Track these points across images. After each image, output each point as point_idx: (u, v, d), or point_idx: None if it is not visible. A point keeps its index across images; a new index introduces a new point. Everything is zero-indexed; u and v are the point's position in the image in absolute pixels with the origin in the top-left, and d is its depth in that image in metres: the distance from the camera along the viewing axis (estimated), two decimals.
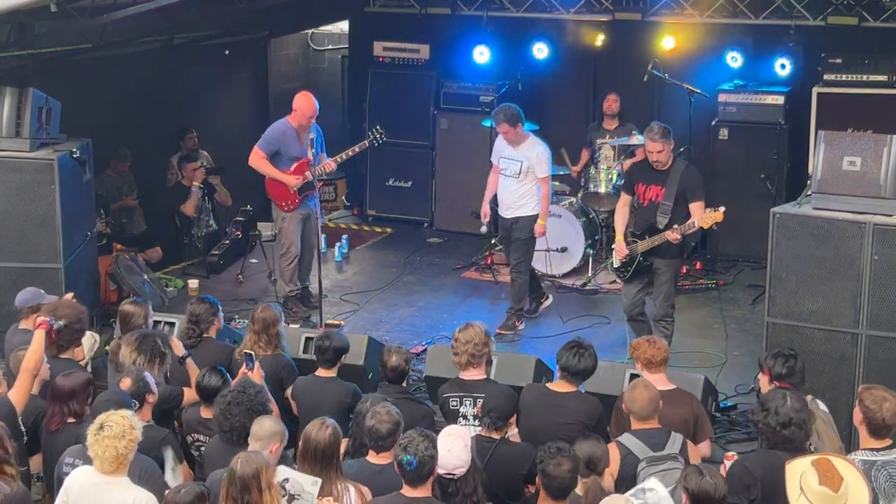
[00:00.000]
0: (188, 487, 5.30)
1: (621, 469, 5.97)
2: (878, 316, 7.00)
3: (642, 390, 6.14)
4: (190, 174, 11.73)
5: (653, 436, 6.06)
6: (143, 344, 6.79)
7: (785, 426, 5.58)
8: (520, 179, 9.52)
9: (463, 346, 6.81)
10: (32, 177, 8.61)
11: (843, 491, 5.00)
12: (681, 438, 6.11)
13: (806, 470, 5.09)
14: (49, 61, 10.06)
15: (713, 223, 8.34)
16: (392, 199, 13.32)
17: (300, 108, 9.74)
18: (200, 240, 11.54)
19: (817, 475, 5.03)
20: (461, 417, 6.77)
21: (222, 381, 6.59)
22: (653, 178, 8.62)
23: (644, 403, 6.09)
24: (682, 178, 8.49)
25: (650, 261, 8.63)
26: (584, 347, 6.67)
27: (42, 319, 6.72)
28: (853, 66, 10.86)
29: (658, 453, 5.97)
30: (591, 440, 5.87)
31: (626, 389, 6.31)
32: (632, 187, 8.82)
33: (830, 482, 5.00)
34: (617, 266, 8.88)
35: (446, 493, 5.54)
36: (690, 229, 8.46)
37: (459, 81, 12.77)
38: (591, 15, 12.02)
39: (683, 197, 8.48)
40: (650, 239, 8.54)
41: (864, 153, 7.11)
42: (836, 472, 5.03)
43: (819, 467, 5.06)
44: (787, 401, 5.63)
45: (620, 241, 8.75)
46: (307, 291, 10.20)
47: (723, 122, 11.59)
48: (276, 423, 5.80)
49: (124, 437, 5.46)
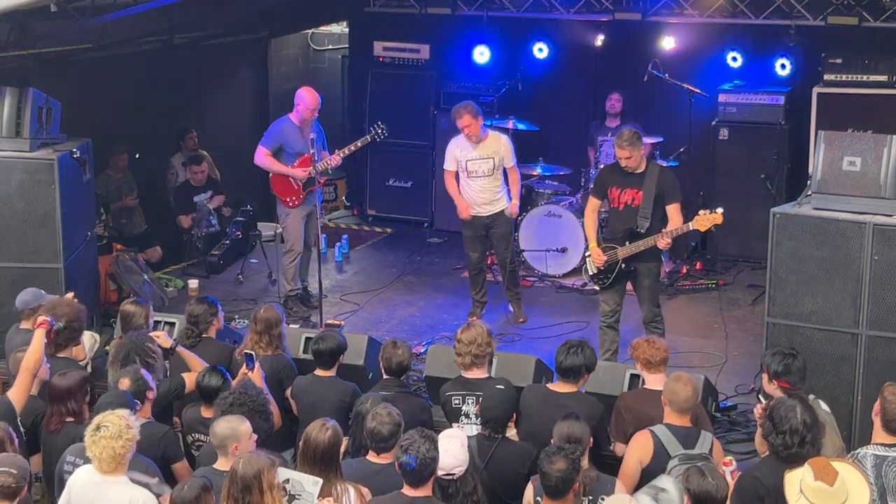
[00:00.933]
0: (192, 482, 5.31)
1: (653, 460, 6.01)
2: (878, 316, 6.99)
3: (686, 383, 6.17)
4: (195, 176, 11.73)
5: (685, 433, 6.10)
6: (125, 362, 6.79)
7: (800, 444, 5.44)
8: (493, 176, 9.57)
9: (466, 346, 6.80)
10: (32, 177, 8.60)
11: (840, 485, 5.02)
12: (710, 438, 6.17)
13: (804, 472, 5.11)
14: (49, 61, 10.07)
15: (711, 226, 8.24)
16: (392, 199, 13.32)
17: (303, 101, 9.76)
18: (200, 240, 11.54)
19: (812, 472, 5.06)
20: (463, 416, 6.77)
21: (223, 381, 6.60)
22: (628, 182, 8.50)
23: (687, 396, 6.13)
24: (659, 181, 8.41)
25: (633, 266, 8.50)
26: (580, 345, 6.67)
27: (43, 319, 6.73)
28: (853, 67, 10.86)
29: (690, 451, 5.99)
30: (570, 419, 5.89)
31: (669, 379, 6.29)
32: (604, 191, 8.67)
33: (825, 477, 5.03)
34: (594, 273, 8.70)
35: (446, 494, 5.55)
36: (680, 233, 8.43)
37: (459, 81, 12.78)
38: (591, 15, 12.00)
39: (661, 199, 8.40)
40: (634, 244, 8.40)
41: (864, 153, 7.10)
42: (831, 468, 5.06)
43: (814, 465, 5.10)
44: (798, 415, 5.46)
45: (596, 248, 8.60)
46: (307, 291, 10.21)
47: (723, 122, 11.58)
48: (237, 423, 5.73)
49: (121, 437, 5.48)
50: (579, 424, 5.87)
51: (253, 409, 6.03)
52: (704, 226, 8.24)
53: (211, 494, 5.24)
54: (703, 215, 8.24)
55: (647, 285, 8.57)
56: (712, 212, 8.21)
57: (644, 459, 6.03)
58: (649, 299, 8.60)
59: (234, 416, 5.85)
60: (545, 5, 12.07)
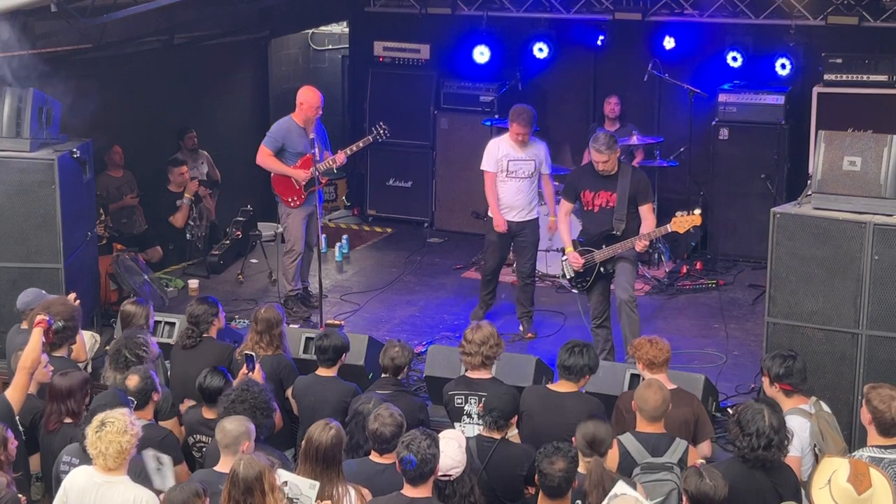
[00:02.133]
0: (185, 486, 5.30)
1: (618, 470, 5.91)
2: (878, 316, 6.99)
3: (656, 391, 6.06)
4: (177, 178, 11.67)
5: (655, 440, 6.00)
6: (116, 357, 6.83)
7: (766, 447, 5.46)
8: (532, 179, 9.51)
9: (478, 347, 6.78)
10: (33, 177, 8.60)
11: (868, 497, 4.92)
12: (683, 446, 6.03)
13: (841, 466, 5.02)
14: (49, 61, 10.06)
15: (690, 227, 8.21)
16: (392, 199, 13.32)
17: (306, 100, 9.76)
18: (200, 240, 11.54)
19: (849, 472, 4.96)
20: (465, 416, 6.78)
21: (224, 382, 6.59)
22: (601, 184, 8.48)
23: (656, 404, 6.01)
24: (632, 182, 8.40)
25: (611, 267, 8.48)
26: (583, 346, 6.66)
27: (41, 318, 6.70)
28: (853, 66, 10.87)
29: (655, 459, 5.91)
30: (595, 420, 5.81)
31: (640, 386, 6.21)
32: (576, 194, 8.64)
33: (858, 483, 4.92)
34: (571, 276, 8.65)
35: (443, 495, 5.55)
36: (657, 236, 8.39)
37: (460, 81, 12.78)
38: (591, 15, 12.01)
39: (634, 201, 8.39)
40: (611, 247, 8.39)
41: (865, 153, 7.10)
42: (868, 478, 4.95)
43: (855, 466, 5.00)
44: (766, 419, 5.48)
45: (573, 252, 8.56)
46: (307, 291, 10.21)
47: (723, 122, 11.58)
48: (240, 423, 5.75)
49: (126, 432, 5.49)
50: (604, 426, 5.77)
51: (255, 406, 6.03)
52: (683, 227, 8.20)
53: (203, 500, 5.22)
54: (680, 217, 8.20)
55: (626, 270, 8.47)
56: (690, 213, 8.17)
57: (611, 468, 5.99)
58: (626, 281, 8.49)
59: (239, 415, 5.85)
60: (545, 5, 12.08)
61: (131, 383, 6.33)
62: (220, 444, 5.72)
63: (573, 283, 8.71)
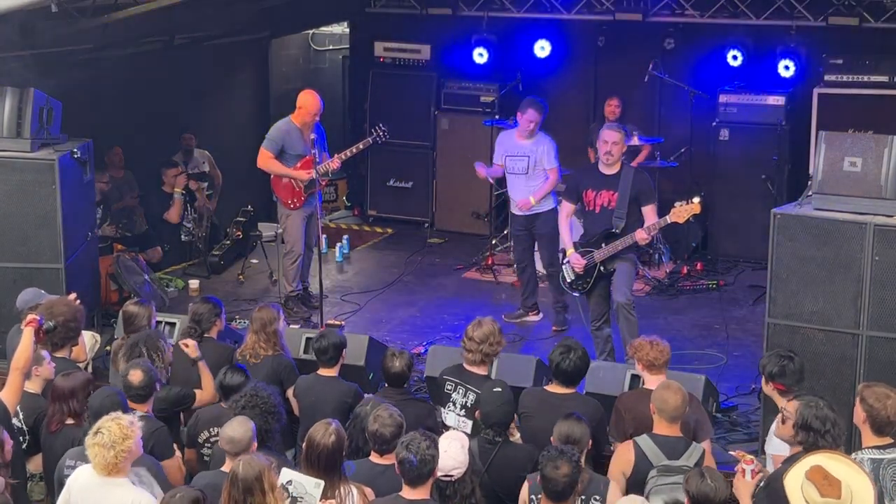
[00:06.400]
0: (183, 492, 5.27)
1: (634, 472, 5.92)
2: (878, 317, 6.98)
3: (675, 391, 6.02)
4: (171, 180, 11.66)
5: (672, 443, 5.96)
6: (132, 350, 6.82)
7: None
8: (528, 175, 9.54)
9: (478, 344, 6.78)
10: (33, 177, 8.60)
11: (847, 493, 4.92)
12: (700, 450, 5.99)
13: (803, 483, 4.97)
14: (49, 61, 10.06)
15: (689, 216, 8.16)
16: (393, 200, 13.33)
17: (305, 105, 9.77)
18: (201, 240, 11.54)
19: (816, 487, 4.93)
20: (450, 402, 6.80)
21: (244, 379, 6.59)
22: (603, 184, 8.45)
23: (676, 404, 5.97)
24: (634, 183, 8.36)
25: (611, 267, 8.44)
26: (573, 349, 6.60)
27: (32, 317, 6.62)
28: (854, 67, 10.87)
29: (672, 462, 5.87)
30: (570, 420, 5.84)
31: (658, 388, 6.15)
32: (577, 195, 8.61)
33: (831, 490, 4.90)
34: (571, 280, 8.60)
35: (444, 495, 5.55)
36: (658, 228, 8.40)
37: (460, 82, 12.79)
38: (591, 15, 12.01)
39: (636, 201, 8.36)
40: (612, 245, 8.34)
41: (865, 154, 7.09)
42: (833, 478, 4.93)
43: (815, 479, 4.94)
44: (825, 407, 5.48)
45: (574, 253, 8.52)
46: (308, 292, 10.21)
47: (723, 123, 11.58)
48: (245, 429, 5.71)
49: (114, 448, 5.41)
50: (579, 425, 5.81)
51: (266, 410, 6.01)
52: (682, 217, 8.13)
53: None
54: (679, 207, 8.12)
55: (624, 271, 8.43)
56: (689, 202, 8.11)
57: (626, 471, 5.94)
58: (625, 284, 8.44)
59: (243, 417, 5.84)
60: (545, 5, 12.08)
61: (135, 378, 6.30)
62: (229, 453, 5.68)
63: (574, 286, 8.67)
